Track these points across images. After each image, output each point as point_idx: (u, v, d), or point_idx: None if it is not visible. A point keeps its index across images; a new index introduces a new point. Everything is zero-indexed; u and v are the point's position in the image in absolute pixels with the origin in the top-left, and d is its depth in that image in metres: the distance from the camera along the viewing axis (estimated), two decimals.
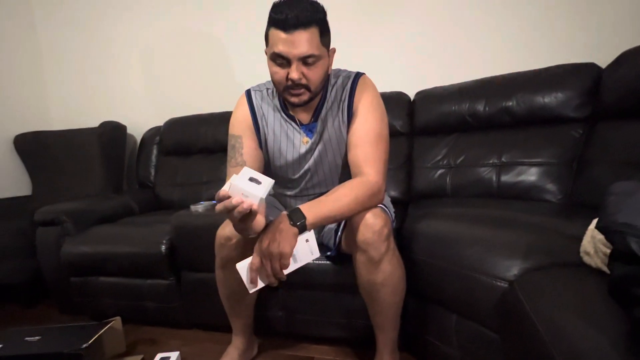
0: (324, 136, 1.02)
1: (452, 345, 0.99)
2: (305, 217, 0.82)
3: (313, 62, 0.88)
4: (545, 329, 0.59)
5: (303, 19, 0.83)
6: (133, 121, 2.33)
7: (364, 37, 1.87)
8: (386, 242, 0.90)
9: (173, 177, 2.08)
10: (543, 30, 1.58)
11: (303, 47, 0.85)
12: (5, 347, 1.15)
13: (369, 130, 0.95)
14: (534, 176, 1.35)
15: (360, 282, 1.00)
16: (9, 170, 2.28)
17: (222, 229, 1.02)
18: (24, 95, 2.40)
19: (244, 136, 1.03)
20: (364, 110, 0.97)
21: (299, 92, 0.91)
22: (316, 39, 0.86)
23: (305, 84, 0.90)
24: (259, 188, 0.75)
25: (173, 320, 1.48)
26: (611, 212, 0.50)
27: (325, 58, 0.92)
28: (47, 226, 1.61)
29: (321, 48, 0.88)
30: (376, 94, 1.00)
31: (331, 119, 1.01)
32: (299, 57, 0.86)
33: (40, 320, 1.65)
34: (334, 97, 1.00)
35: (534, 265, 0.80)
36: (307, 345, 1.29)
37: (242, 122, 1.04)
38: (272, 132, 1.04)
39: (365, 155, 0.93)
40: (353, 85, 0.99)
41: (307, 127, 1.03)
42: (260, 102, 1.05)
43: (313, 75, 0.89)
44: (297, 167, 1.06)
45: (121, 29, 2.30)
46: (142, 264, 1.43)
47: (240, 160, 1.02)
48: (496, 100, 1.47)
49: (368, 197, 0.89)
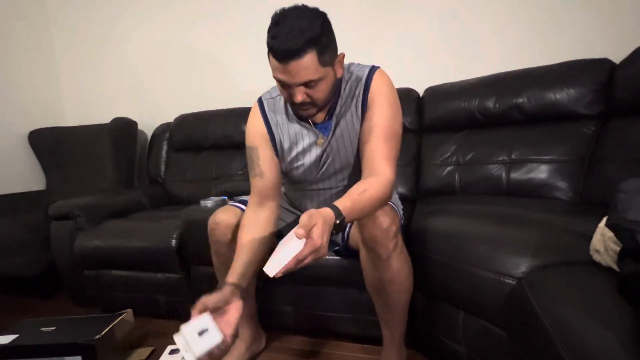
0: (336, 132, 1.00)
1: (459, 341, 0.99)
2: (345, 218, 0.77)
3: (314, 85, 0.84)
4: (553, 326, 0.59)
5: (296, 48, 0.78)
6: (144, 117, 2.36)
7: (374, 33, 1.86)
8: (394, 239, 0.90)
9: (183, 173, 2.11)
10: (556, 25, 1.55)
11: (301, 75, 0.81)
12: (22, 337, 1.18)
13: (384, 126, 0.93)
14: (544, 174, 1.34)
15: (367, 279, 1.00)
16: (24, 165, 2.33)
17: (213, 216, 1.06)
18: (38, 92, 2.45)
19: (259, 147, 1.03)
20: (380, 105, 0.94)
21: (305, 108, 0.90)
22: (314, 63, 0.81)
23: (310, 102, 0.88)
24: (200, 344, 0.75)
25: (183, 314, 1.51)
26: (621, 210, 0.49)
27: (330, 74, 0.87)
28: (61, 220, 1.65)
29: (322, 69, 0.83)
30: (392, 89, 0.97)
31: (346, 115, 0.99)
32: (299, 84, 0.83)
33: (55, 312, 1.69)
34: (348, 92, 0.98)
35: (542, 263, 0.80)
36: (314, 340, 1.30)
37: (257, 134, 1.04)
38: (287, 138, 1.03)
39: (379, 151, 0.91)
40: (368, 78, 0.96)
41: (322, 125, 1.01)
42: (274, 110, 1.04)
43: (318, 94, 0.87)
44: (314, 168, 1.05)
45: (133, 28, 2.33)
46: (152, 258, 1.46)
47: (259, 170, 1.03)
48: (507, 97, 1.46)
49: (387, 196, 0.87)
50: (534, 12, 1.58)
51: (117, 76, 2.44)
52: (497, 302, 0.84)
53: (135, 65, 2.38)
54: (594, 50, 1.42)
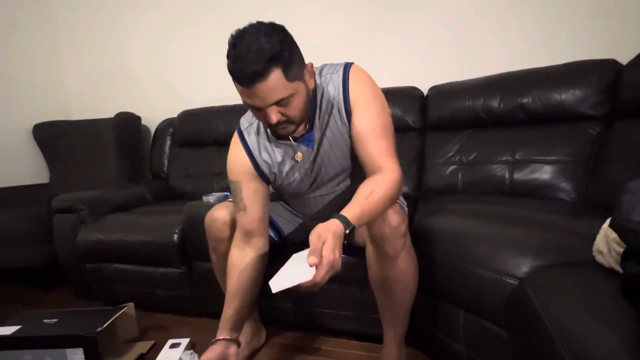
0: (324, 141, 0.96)
1: (459, 341, 0.99)
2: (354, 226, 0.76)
3: (286, 102, 0.80)
4: (555, 326, 0.59)
5: (258, 70, 0.73)
6: (148, 112, 2.37)
7: (379, 31, 1.85)
8: (403, 238, 0.90)
9: (186, 169, 2.11)
10: (561, 25, 1.54)
11: (270, 97, 0.77)
12: (24, 328, 1.19)
13: (375, 124, 0.89)
14: (547, 174, 1.33)
15: (373, 277, 1.00)
16: (27, 158, 2.35)
17: (210, 212, 1.06)
18: (43, 85, 2.46)
19: (242, 182, 1.00)
20: (364, 104, 0.90)
21: (283, 127, 0.86)
22: (281, 81, 0.76)
23: (285, 120, 0.84)
24: None
25: (184, 308, 1.52)
26: (626, 210, 0.49)
27: (301, 88, 0.82)
28: (64, 213, 1.66)
29: (290, 85, 0.78)
30: (371, 83, 0.93)
31: (329, 122, 0.94)
32: (269, 105, 0.79)
33: (57, 304, 1.70)
34: (326, 100, 0.93)
35: (544, 263, 0.79)
36: (314, 337, 1.31)
37: (238, 167, 1.01)
38: (274, 162, 1.00)
39: (379, 149, 0.89)
40: (344, 79, 0.91)
41: (304, 138, 0.96)
42: (256, 136, 0.99)
43: (292, 111, 0.83)
44: (305, 180, 1.03)
45: (138, 22, 2.33)
46: (154, 252, 1.47)
47: (242, 205, 1.00)
48: (511, 97, 1.45)
49: (396, 193, 0.85)
50: (540, 12, 1.57)
51: (122, 71, 2.44)
52: (498, 301, 0.84)
53: (140, 60, 2.38)
54: (600, 51, 1.41)
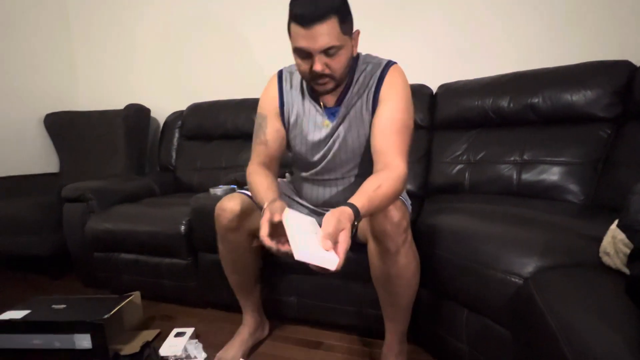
0: (345, 121, 1.02)
1: (461, 339, 0.99)
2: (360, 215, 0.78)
3: (335, 52, 0.88)
4: (558, 326, 0.59)
5: (320, 13, 0.83)
6: (157, 104, 2.39)
7: (389, 28, 1.84)
8: (404, 234, 0.90)
9: (193, 161, 2.13)
10: (574, 25, 1.52)
11: (323, 40, 0.85)
12: (33, 312, 1.22)
13: (395, 119, 0.94)
14: (556, 175, 1.32)
15: (374, 273, 1.01)
16: (39, 147, 2.38)
17: (220, 203, 1.07)
18: (55, 76, 2.49)
19: (269, 116, 1.08)
20: (391, 99, 0.96)
21: (323, 82, 0.93)
22: (336, 29, 0.85)
23: (329, 73, 0.91)
24: None
25: (189, 298, 1.54)
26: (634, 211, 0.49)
27: (348, 45, 0.91)
28: (73, 202, 1.68)
29: (342, 37, 0.87)
30: (405, 85, 0.99)
31: (356, 104, 1.01)
32: (320, 50, 0.87)
33: (65, 292, 1.74)
34: (361, 83, 1.00)
35: (550, 264, 0.79)
36: (317, 331, 1.32)
37: (269, 103, 1.08)
38: (295, 114, 1.07)
39: (391, 144, 0.92)
40: (383, 73, 0.98)
41: (330, 110, 1.03)
42: (290, 85, 1.08)
43: (336, 64, 0.90)
44: (316, 149, 1.08)
45: (149, 15, 2.35)
46: (161, 243, 1.48)
47: (264, 138, 1.07)
48: (521, 97, 1.44)
49: (400, 190, 0.88)
50: (552, 11, 1.55)
51: (132, 63, 2.46)
52: (502, 301, 0.84)
53: (150, 52, 2.40)
54: (613, 52, 1.40)
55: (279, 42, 1.99)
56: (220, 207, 1.07)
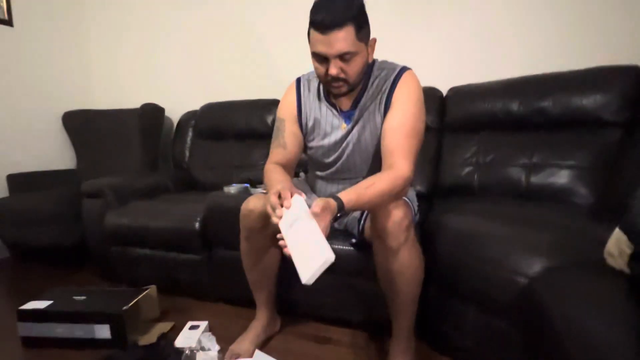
0: (359, 124, 1.06)
1: (467, 336, 1.02)
2: (344, 207, 0.84)
3: (350, 58, 0.93)
4: (562, 323, 0.62)
5: (337, 20, 0.88)
6: (171, 104, 2.44)
7: (400, 32, 1.87)
8: (405, 232, 0.93)
9: (206, 160, 2.18)
10: (585, 29, 1.54)
11: (339, 46, 0.90)
12: (56, 303, 1.27)
13: (405, 122, 0.97)
14: (564, 179, 1.34)
15: (379, 270, 1.04)
16: (57, 144, 2.46)
17: (246, 203, 1.10)
18: (73, 76, 2.57)
19: (287, 120, 1.14)
20: (402, 103, 1.00)
21: (338, 85, 0.98)
22: (351, 36, 0.90)
23: (343, 77, 0.96)
24: None
25: (202, 293, 1.58)
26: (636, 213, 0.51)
27: (364, 51, 0.96)
28: (92, 198, 1.74)
29: (357, 44, 0.92)
30: (418, 90, 1.02)
31: (369, 108, 1.05)
32: (336, 55, 0.92)
33: (84, 284, 1.79)
34: (375, 87, 1.04)
35: (556, 264, 0.82)
36: (326, 327, 1.35)
37: (288, 108, 1.14)
38: (312, 118, 1.12)
39: (398, 146, 0.96)
40: (396, 78, 1.02)
41: (346, 113, 1.08)
42: (308, 90, 1.14)
43: (351, 69, 0.95)
44: (332, 151, 1.12)
45: (164, 17, 2.41)
46: (176, 238, 1.53)
47: (282, 142, 1.13)
48: (531, 100, 1.46)
49: (398, 190, 0.91)
50: (562, 16, 1.57)
51: (147, 63, 2.52)
52: (507, 300, 0.87)
53: (165, 53, 2.46)
54: (623, 56, 1.40)
55: (293, 45, 2.04)
56: (246, 207, 1.09)
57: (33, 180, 2.19)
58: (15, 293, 1.79)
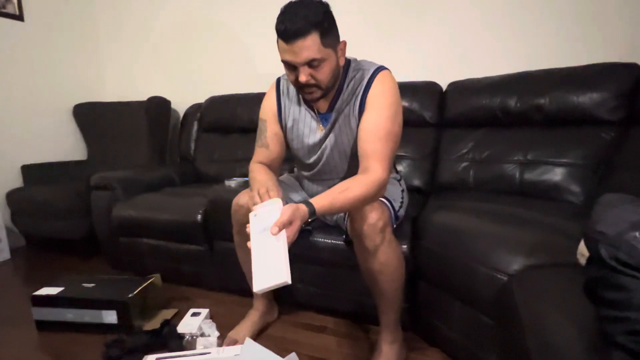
0: (336, 127, 1.07)
1: (454, 329, 1.06)
2: (315, 213, 0.87)
3: (318, 64, 0.93)
4: (528, 320, 0.66)
5: (301, 29, 0.88)
6: (177, 97, 2.49)
7: (400, 26, 1.87)
8: (381, 234, 0.96)
9: (211, 153, 2.23)
10: (583, 26, 1.53)
11: (304, 54, 0.90)
12: (67, 289, 1.35)
13: (379, 126, 0.97)
14: (558, 176, 1.35)
15: (361, 268, 1.08)
16: (68, 136, 2.55)
17: (237, 198, 1.15)
18: (83, 69, 2.64)
19: (268, 121, 1.15)
20: (376, 105, 0.99)
21: (310, 91, 0.98)
22: (316, 44, 0.90)
23: (314, 83, 0.96)
24: None
25: (204, 282, 1.65)
26: (593, 221, 0.54)
27: (332, 57, 0.95)
28: (100, 190, 1.82)
29: (324, 50, 0.92)
30: (392, 91, 1.01)
31: (345, 111, 1.05)
32: (303, 63, 0.92)
33: (93, 272, 1.88)
34: (350, 89, 1.03)
35: (535, 263, 0.85)
36: (321, 317, 1.41)
37: (269, 109, 1.15)
38: (292, 119, 1.13)
39: (374, 150, 0.96)
40: (370, 79, 1.00)
41: (323, 116, 1.09)
42: (287, 90, 1.13)
43: (321, 75, 0.95)
44: (312, 152, 1.14)
45: (171, 12, 2.44)
46: (180, 230, 1.60)
47: (265, 142, 1.15)
48: (528, 97, 1.46)
49: (373, 194, 0.93)
50: (562, 12, 1.56)
51: (154, 57, 2.57)
52: (489, 295, 0.90)
53: (171, 47, 2.50)
54: (622, 54, 1.40)
55: None
56: (237, 202, 1.14)
57: (46, 171, 2.28)
58: (31, 280, 1.89)
